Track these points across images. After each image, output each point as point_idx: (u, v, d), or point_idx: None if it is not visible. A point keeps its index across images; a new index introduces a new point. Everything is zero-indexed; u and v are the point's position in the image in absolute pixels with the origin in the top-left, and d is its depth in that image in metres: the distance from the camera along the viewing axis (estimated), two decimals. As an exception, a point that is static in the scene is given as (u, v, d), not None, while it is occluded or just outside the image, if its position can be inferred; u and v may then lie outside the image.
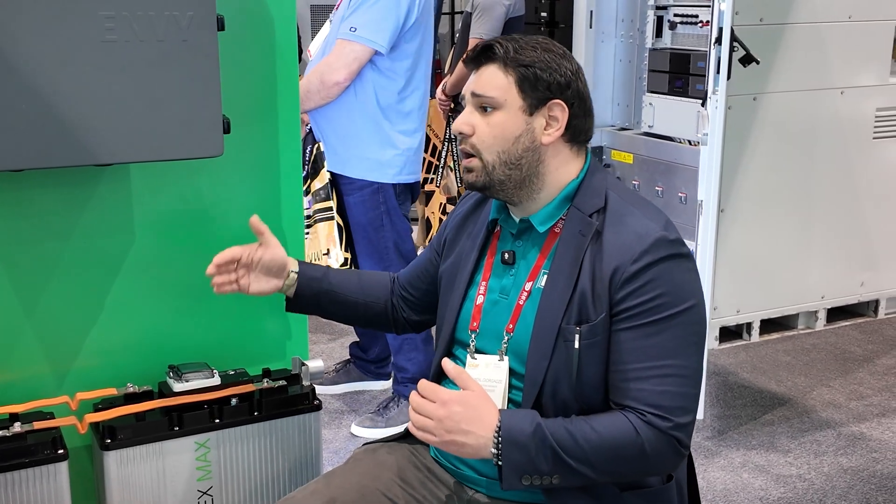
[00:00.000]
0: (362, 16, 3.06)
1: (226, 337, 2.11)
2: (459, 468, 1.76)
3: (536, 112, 1.66)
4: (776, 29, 3.90)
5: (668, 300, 1.58)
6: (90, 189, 1.94)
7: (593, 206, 1.67)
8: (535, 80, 1.65)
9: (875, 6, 4.13)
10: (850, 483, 3.05)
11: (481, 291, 1.76)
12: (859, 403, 3.63)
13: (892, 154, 4.37)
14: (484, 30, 4.24)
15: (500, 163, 1.67)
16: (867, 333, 4.37)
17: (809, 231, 4.25)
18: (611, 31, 4.37)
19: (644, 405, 1.57)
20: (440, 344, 1.82)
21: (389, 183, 3.25)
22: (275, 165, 2.09)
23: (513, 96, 1.65)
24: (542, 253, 1.70)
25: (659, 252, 1.59)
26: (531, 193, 1.69)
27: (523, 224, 1.73)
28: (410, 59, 3.18)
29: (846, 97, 4.16)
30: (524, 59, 1.65)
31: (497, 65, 1.67)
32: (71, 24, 1.65)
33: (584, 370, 1.61)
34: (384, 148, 3.21)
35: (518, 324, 1.68)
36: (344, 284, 1.97)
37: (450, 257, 1.86)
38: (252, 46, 2.00)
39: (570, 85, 1.66)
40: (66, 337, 1.98)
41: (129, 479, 1.90)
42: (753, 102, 3.92)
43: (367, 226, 3.28)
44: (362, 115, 3.17)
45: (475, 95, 1.68)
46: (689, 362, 1.60)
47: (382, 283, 2.01)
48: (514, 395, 1.68)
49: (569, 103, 1.66)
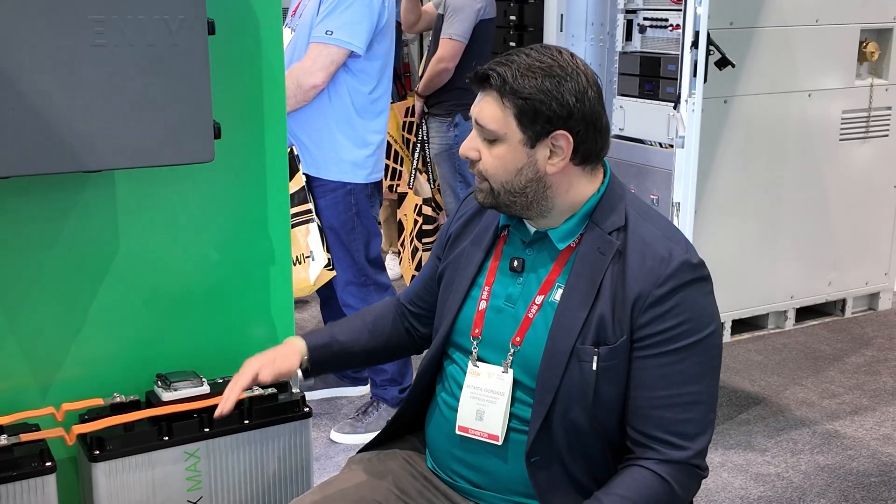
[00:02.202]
0: (337, 19, 3.08)
1: (212, 345, 2.09)
2: (455, 479, 1.74)
3: (539, 143, 1.58)
4: (746, 32, 3.95)
5: (691, 326, 1.57)
6: (74, 196, 1.90)
7: (613, 225, 1.62)
8: (533, 115, 1.56)
9: (841, 10, 4.20)
10: (828, 481, 3.09)
11: (484, 296, 1.71)
12: (832, 402, 3.68)
13: (858, 155, 4.44)
14: (454, 30, 4.24)
15: (504, 191, 1.62)
16: (835, 332, 4.43)
17: (778, 231, 4.30)
18: (581, 35, 4.39)
19: (666, 433, 1.57)
20: (435, 343, 1.78)
21: (362, 184, 3.26)
22: (261, 170, 2.07)
23: (512, 130, 1.58)
24: (556, 265, 1.66)
25: (683, 277, 1.57)
26: (542, 212, 1.65)
27: (538, 234, 1.69)
28: (381, 60, 3.22)
29: (813, 100, 4.22)
30: (522, 91, 1.55)
31: (495, 95, 1.58)
32: (60, 28, 1.62)
33: (601, 392, 1.59)
34: (358, 148, 3.24)
35: (527, 337, 1.65)
36: (353, 336, 1.91)
37: (451, 254, 1.81)
38: (238, 50, 1.98)
39: (572, 114, 1.56)
40: (50, 346, 1.94)
41: (118, 490, 1.87)
42: (724, 105, 3.96)
43: (340, 228, 3.28)
44: (336, 117, 3.19)
45: (477, 124, 1.62)
46: (709, 388, 1.60)
47: (388, 316, 1.95)
48: (522, 410, 1.65)
49: (573, 132, 1.57)
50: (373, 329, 1.92)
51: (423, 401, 1.84)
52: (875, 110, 4.41)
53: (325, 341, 1.87)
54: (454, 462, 1.74)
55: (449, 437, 1.73)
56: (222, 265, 2.07)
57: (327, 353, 1.87)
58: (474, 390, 1.68)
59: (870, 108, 4.40)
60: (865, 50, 4.34)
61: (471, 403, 1.68)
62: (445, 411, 1.74)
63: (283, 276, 2.14)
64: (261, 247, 2.11)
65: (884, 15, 4.34)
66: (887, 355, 4.14)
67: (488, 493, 1.70)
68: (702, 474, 1.61)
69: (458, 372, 1.73)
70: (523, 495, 1.67)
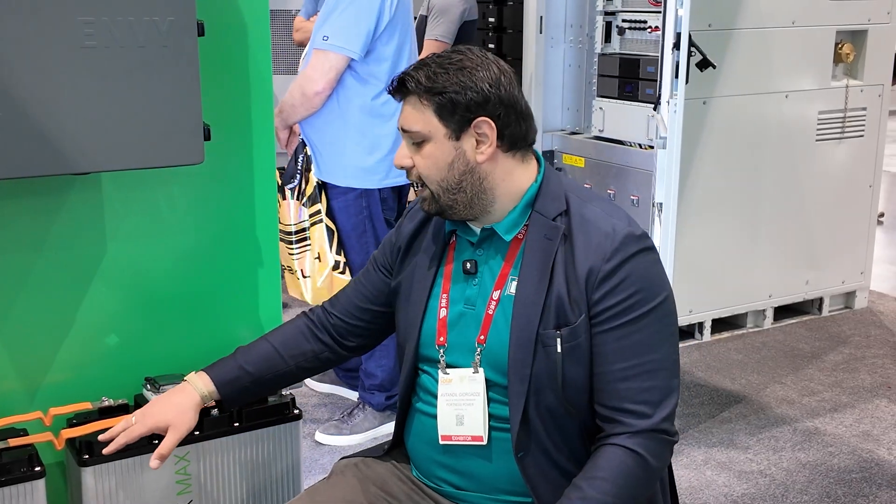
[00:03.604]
0: (333, 23, 3.04)
1: (200, 348, 2.08)
2: (440, 486, 1.75)
3: (463, 134, 1.63)
4: (724, 34, 3.98)
5: (643, 296, 1.60)
6: (61, 198, 1.89)
7: (556, 210, 1.66)
8: (452, 107, 1.61)
9: (817, 12, 4.25)
10: (810, 477, 3.12)
11: (443, 304, 1.73)
12: (811, 399, 3.72)
13: (834, 155, 4.49)
14: (440, 32, 4.25)
15: (443, 190, 1.65)
16: (813, 331, 4.48)
17: (756, 231, 4.34)
18: (560, 37, 4.42)
19: (631, 402, 1.59)
20: (405, 361, 1.78)
21: (375, 188, 3.22)
22: (249, 173, 2.07)
23: (435, 126, 1.63)
24: (507, 260, 1.69)
25: (629, 249, 1.61)
26: (485, 207, 1.67)
27: (485, 232, 1.71)
28: (389, 62, 3.13)
29: (791, 100, 4.26)
30: (436, 87, 1.61)
31: (414, 98, 1.64)
32: (49, 30, 1.62)
33: (568, 374, 1.61)
34: (369, 153, 3.18)
35: (490, 334, 1.67)
36: (263, 365, 1.84)
37: (403, 271, 1.81)
38: (225, 52, 1.98)
39: (489, 99, 1.61)
40: (37, 350, 1.93)
41: (107, 494, 1.86)
42: (703, 106, 4.00)
43: (351, 232, 3.27)
44: (346, 122, 3.15)
45: (404, 131, 1.66)
46: (668, 354, 1.63)
47: (299, 335, 1.88)
48: (498, 409, 1.66)
49: (493, 116, 1.62)
50: (284, 352, 1.86)
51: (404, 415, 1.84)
52: (851, 111, 4.47)
53: (234, 375, 1.83)
54: (438, 468, 1.75)
55: (430, 445, 1.74)
56: (210, 268, 2.06)
57: (238, 388, 1.83)
58: (449, 397, 1.69)
59: (845, 108, 4.45)
60: (841, 51, 4.39)
61: (449, 410, 1.69)
62: (424, 419, 1.75)
63: (270, 279, 2.13)
64: (248, 249, 2.10)
65: (858, 17, 4.39)
66: (864, 353, 4.19)
67: (474, 495, 1.71)
68: (671, 440, 1.63)
69: (430, 381, 1.75)
70: (508, 493, 1.69)
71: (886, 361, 4.10)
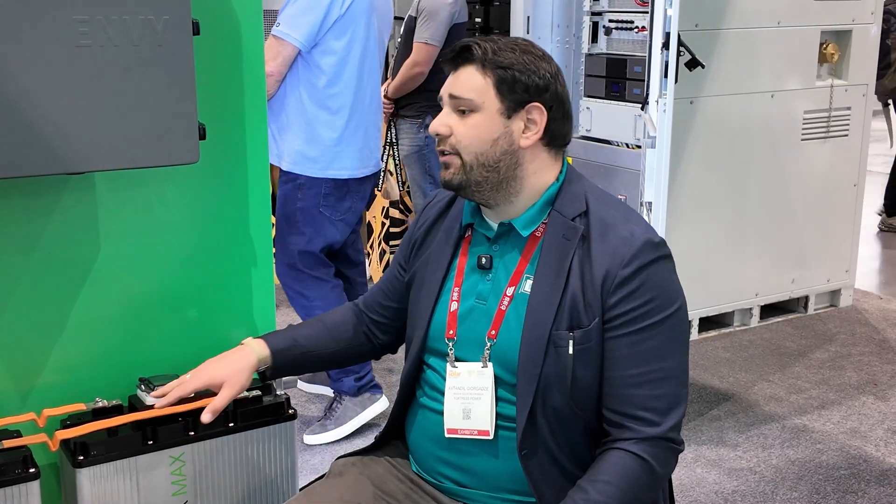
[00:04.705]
0: (287, 12, 3.18)
1: (194, 348, 2.06)
2: (441, 482, 1.75)
3: (514, 115, 1.64)
4: (711, 34, 4.00)
5: (658, 303, 1.60)
6: (54, 198, 1.88)
7: (575, 211, 1.66)
8: (513, 83, 1.63)
9: (802, 13, 4.28)
10: (799, 474, 3.14)
11: (455, 298, 1.73)
12: (799, 397, 3.75)
13: (819, 155, 4.52)
14: (429, 34, 4.24)
15: (478, 164, 1.65)
16: (799, 329, 4.51)
17: (743, 230, 4.36)
18: (547, 37, 4.42)
19: (640, 409, 1.59)
20: (411, 352, 1.79)
21: (316, 178, 3.27)
22: (242, 172, 2.06)
23: (490, 98, 1.64)
24: (523, 257, 1.69)
25: (647, 255, 1.60)
26: (508, 196, 1.68)
27: (502, 228, 1.71)
28: (337, 56, 3.21)
29: (776, 100, 4.29)
30: (502, 61, 1.63)
31: (475, 66, 1.65)
32: (43, 28, 1.60)
33: (578, 376, 1.61)
34: (310, 143, 3.26)
35: (501, 330, 1.66)
36: (314, 341, 1.91)
37: (418, 261, 1.83)
38: (218, 51, 1.97)
39: (548, 87, 1.65)
40: (30, 351, 1.91)
41: (102, 496, 1.84)
42: (691, 106, 4.02)
43: (281, 220, 3.35)
44: (291, 108, 3.26)
45: (452, 97, 1.67)
46: (679, 363, 1.63)
47: (348, 321, 1.95)
48: (505, 407, 1.66)
49: (547, 106, 1.65)
50: (333, 334, 1.92)
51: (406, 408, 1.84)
52: (835, 110, 4.50)
53: (288, 344, 1.88)
54: (440, 464, 1.74)
55: (433, 440, 1.74)
56: (203, 267, 2.05)
57: (289, 357, 1.87)
58: (457, 391, 1.69)
59: (830, 108, 4.48)
60: (825, 51, 4.42)
61: (456, 404, 1.68)
62: (429, 414, 1.75)
63: (264, 278, 2.13)
64: (242, 248, 2.09)
65: (843, 17, 4.42)
66: (850, 351, 4.22)
67: (475, 492, 1.70)
68: (677, 448, 1.63)
69: (436, 376, 1.74)
70: (510, 491, 1.68)
71: (872, 359, 4.13)
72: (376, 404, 3.42)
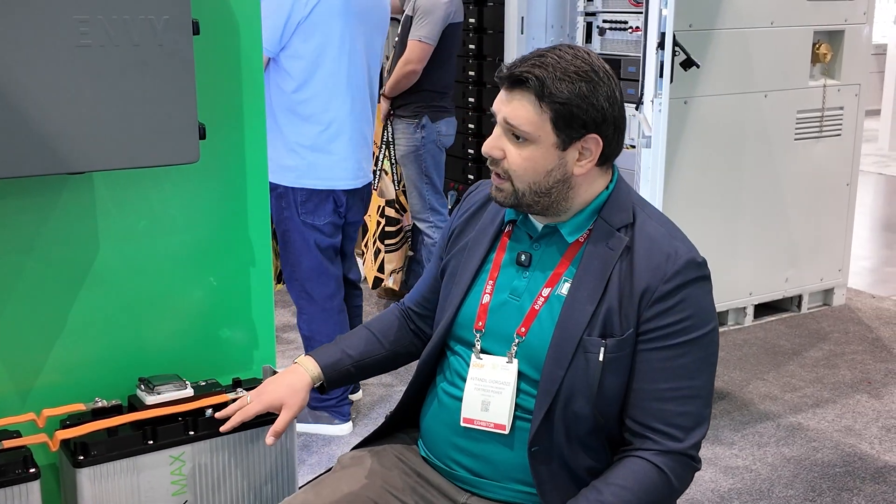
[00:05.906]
0: None
1: (193, 347, 2.07)
2: (452, 468, 1.75)
3: (570, 146, 1.61)
4: (705, 34, 4.02)
5: (694, 322, 1.61)
6: (53, 198, 1.88)
7: (621, 221, 1.66)
8: (570, 119, 1.58)
9: (795, 13, 4.30)
10: (795, 472, 3.16)
11: (488, 290, 1.74)
12: (793, 395, 3.76)
13: (812, 154, 4.54)
14: (423, 33, 4.24)
15: (530, 192, 1.64)
16: (793, 328, 4.52)
17: (736, 229, 4.38)
18: (541, 37, 4.43)
19: (665, 424, 1.60)
20: (435, 336, 1.79)
21: (291, 187, 3.19)
22: (241, 172, 2.06)
23: (547, 132, 1.60)
24: (563, 259, 1.69)
25: (689, 274, 1.61)
26: (558, 211, 1.68)
27: (547, 229, 1.71)
28: (305, 60, 3.11)
29: (769, 100, 4.31)
30: (560, 96, 1.57)
31: (531, 96, 1.59)
32: (44, 28, 1.60)
33: (605, 383, 1.62)
34: (282, 150, 3.18)
35: (532, 328, 1.67)
36: (362, 349, 1.92)
37: (454, 249, 1.83)
38: (217, 51, 1.97)
39: (605, 119, 1.60)
40: (29, 351, 1.91)
41: (102, 495, 1.85)
42: (685, 106, 4.03)
43: (276, 231, 3.30)
44: (269, 115, 3.12)
45: (508, 124, 1.62)
46: (707, 383, 1.65)
47: (393, 323, 1.96)
48: (526, 400, 1.67)
49: (604, 136, 1.61)
50: (381, 339, 1.94)
51: (423, 393, 1.85)
52: (828, 110, 4.52)
53: (337, 357, 1.90)
54: (454, 451, 1.75)
55: (449, 427, 1.75)
56: (202, 267, 2.06)
57: (340, 370, 1.90)
58: (479, 382, 1.70)
59: (823, 108, 4.50)
60: (818, 51, 4.44)
61: (476, 395, 1.70)
62: (447, 400, 1.76)
63: (263, 278, 2.13)
64: (241, 248, 2.10)
65: (835, 17, 4.44)
66: (844, 349, 4.24)
67: (488, 482, 1.72)
68: (696, 466, 1.65)
69: (460, 364, 1.75)
70: (523, 483, 1.69)
71: (865, 357, 4.15)
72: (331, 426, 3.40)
